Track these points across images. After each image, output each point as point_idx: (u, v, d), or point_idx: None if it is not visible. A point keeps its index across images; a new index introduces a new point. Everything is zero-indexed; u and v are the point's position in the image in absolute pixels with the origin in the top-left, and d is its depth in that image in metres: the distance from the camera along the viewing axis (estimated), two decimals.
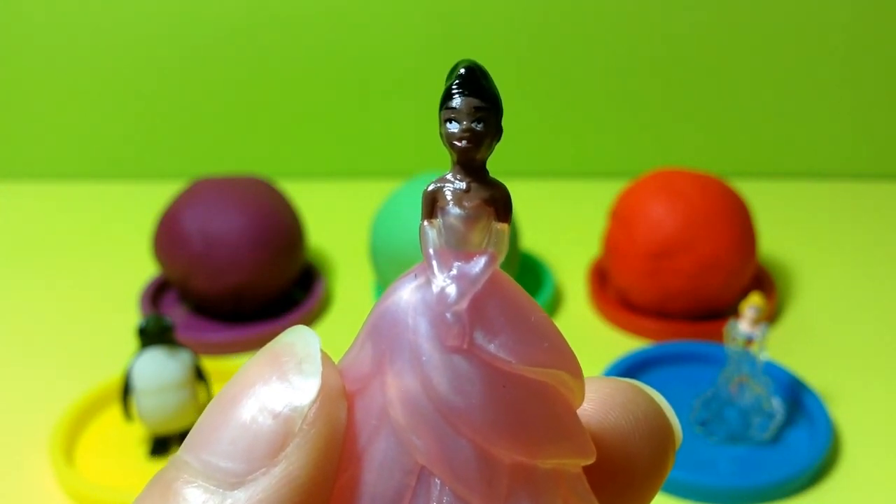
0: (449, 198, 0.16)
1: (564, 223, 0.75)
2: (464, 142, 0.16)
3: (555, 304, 0.63)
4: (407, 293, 0.16)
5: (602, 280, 0.63)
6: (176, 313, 0.62)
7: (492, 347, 0.15)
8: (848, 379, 0.53)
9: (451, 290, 0.16)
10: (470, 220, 0.16)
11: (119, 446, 0.48)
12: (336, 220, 0.75)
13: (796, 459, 0.45)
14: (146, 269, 0.65)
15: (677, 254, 0.56)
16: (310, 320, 0.60)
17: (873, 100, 0.81)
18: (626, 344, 0.58)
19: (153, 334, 0.46)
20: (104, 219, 0.79)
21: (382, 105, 0.83)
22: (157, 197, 0.65)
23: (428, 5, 0.78)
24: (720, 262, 0.56)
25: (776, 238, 0.71)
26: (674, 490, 0.44)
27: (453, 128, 0.16)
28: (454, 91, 0.15)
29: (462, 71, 0.16)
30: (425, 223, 0.16)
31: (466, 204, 0.16)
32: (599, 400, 0.18)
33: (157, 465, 0.47)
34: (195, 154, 0.85)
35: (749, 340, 0.46)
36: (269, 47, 0.80)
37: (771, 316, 0.60)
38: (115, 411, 0.49)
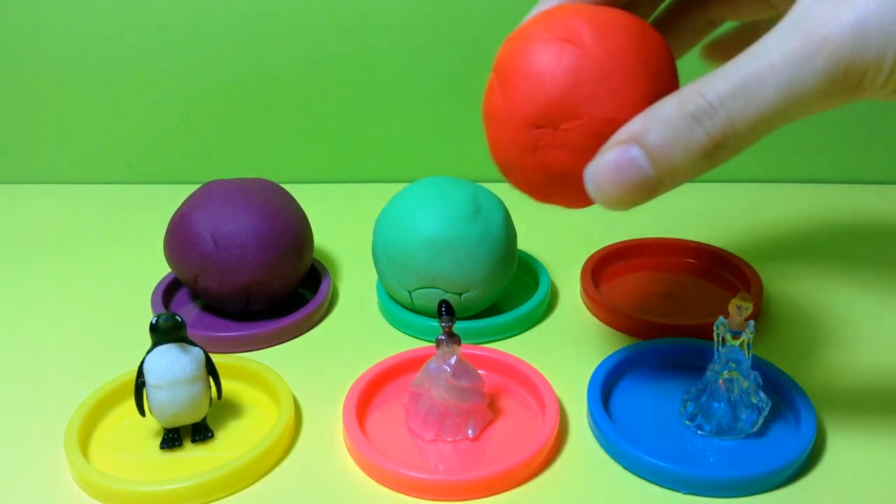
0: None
1: (560, 226, 0.76)
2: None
3: (550, 301, 0.64)
4: (433, 363, 0.48)
5: (595, 280, 0.64)
6: (187, 311, 0.63)
7: (462, 382, 0.47)
8: (832, 375, 0.55)
9: (448, 366, 0.48)
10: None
11: (132, 440, 0.49)
12: (340, 222, 0.77)
13: (782, 452, 0.46)
14: (158, 270, 0.67)
15: (561, 121, 0.39)
16: (317, 318, 0.61)
17: (850, 113, 0.82)
18: (617, 341, 0.59)
19: (165, 331, 0.47)
20: (119, 221, 0.80)
21: (384, 116, 0.85)
22: (169, 200, 0.67)
23: (430, 20, 0.80)
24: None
25: (763, 238, 0.73)
26: (664, 481, 0.46)
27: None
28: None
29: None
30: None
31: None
32: None
33: (170, 457, 0.48)
34: (207, 160, 0.87)
35: (736, 337, 0.47)
36: (277, 62, 0.82)
37: (757, 314, 0.61)
38: (128, 406, 0.50)
